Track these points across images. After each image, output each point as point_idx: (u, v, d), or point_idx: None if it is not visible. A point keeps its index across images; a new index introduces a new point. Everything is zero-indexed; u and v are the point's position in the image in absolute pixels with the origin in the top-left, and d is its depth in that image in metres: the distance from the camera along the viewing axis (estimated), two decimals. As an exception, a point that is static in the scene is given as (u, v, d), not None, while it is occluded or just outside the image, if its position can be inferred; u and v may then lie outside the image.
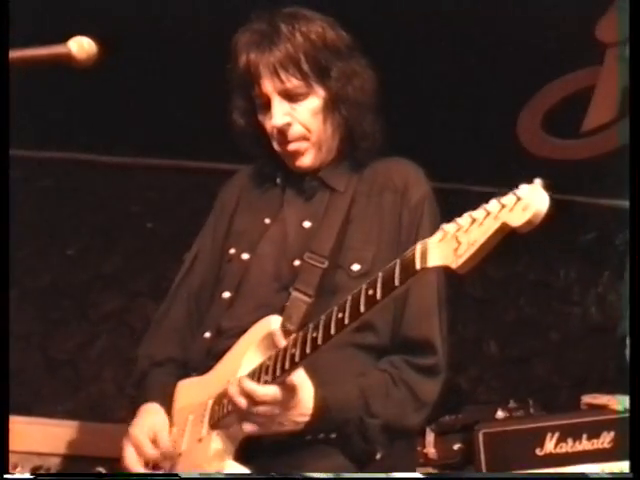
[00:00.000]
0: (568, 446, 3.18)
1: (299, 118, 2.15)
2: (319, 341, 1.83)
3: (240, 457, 2.01)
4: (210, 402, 2.06)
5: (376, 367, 2.09)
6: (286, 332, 1.99)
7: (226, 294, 2.19)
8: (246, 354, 2.03)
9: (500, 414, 3.55)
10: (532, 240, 4.96)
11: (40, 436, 3.18)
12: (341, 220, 2.14)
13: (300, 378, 1.93)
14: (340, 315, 1.80)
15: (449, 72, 4.08)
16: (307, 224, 2.18)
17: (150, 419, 2.13)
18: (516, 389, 4.45)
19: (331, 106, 2.17)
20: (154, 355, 2.28)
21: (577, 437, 3.18)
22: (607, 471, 3.11)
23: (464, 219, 1.70)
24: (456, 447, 3.61)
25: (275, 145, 2.22)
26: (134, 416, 2.17)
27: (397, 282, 1.73)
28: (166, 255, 2.42)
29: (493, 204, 1.67)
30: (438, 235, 1.73)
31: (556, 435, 3.20)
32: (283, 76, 2.11)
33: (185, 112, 4.13)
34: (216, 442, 2.01)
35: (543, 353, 4.91)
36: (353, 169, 2.25)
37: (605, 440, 3.15)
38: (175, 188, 4.43)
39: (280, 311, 2.07)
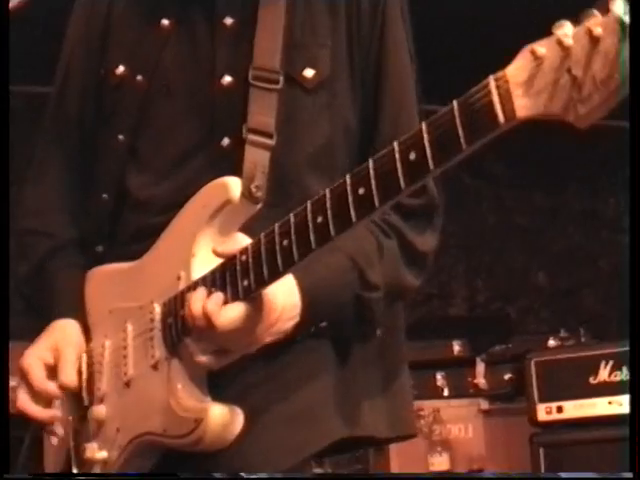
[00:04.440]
0: (623, 374, 3.12)
1: None
2: (332, 231, 1.25)
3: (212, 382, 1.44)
4: (157, 308, 1.49)
5: None
6: (252, 199, 1.44)
7: (120, 137, 1.58)
8: (198, 235, 1.46)
9: (552, 343, 3.50)
10: (580, 168, 4.89)
11: None
12: (281, 12, 1.54)
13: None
14: (362, 190, 1.21)
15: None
16: (229, 20, 1.55)
17: (52, 338, 1.56)
18: (565, 319, 4.40)
19: None
20: (54, 234, 1.65)
21: (632, 366, 3.13)
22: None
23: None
24: (507, 377, 3.57)
25: None
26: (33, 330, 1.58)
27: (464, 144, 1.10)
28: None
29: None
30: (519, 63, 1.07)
31: (610, 363, 3.14)
32: None
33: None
34: (180, 374, 1.44)
35: (592, 283, 4.84)
36: None
37: (661, 368, 3.09)
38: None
39: (212, 162, 1.50)
